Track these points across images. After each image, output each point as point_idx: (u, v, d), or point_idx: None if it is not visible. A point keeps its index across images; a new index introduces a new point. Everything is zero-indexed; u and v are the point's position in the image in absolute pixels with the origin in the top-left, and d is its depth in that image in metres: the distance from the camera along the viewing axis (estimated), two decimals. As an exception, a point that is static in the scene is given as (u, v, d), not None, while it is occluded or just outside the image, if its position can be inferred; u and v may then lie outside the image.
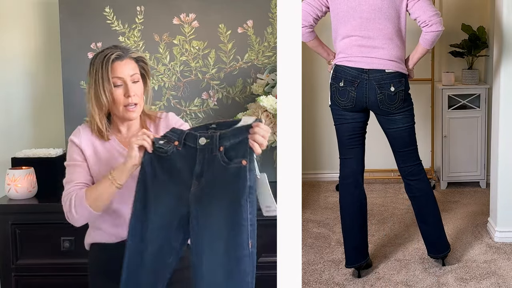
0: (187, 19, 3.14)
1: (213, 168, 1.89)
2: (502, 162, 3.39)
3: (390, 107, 2.87)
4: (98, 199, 2.04)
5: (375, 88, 2.84)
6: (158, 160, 1.96)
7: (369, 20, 2.80)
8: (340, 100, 2.91)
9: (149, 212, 1.96)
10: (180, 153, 1.95)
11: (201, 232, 1.88)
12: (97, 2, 3.11)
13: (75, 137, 2.17)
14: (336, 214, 3.94)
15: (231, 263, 1.83)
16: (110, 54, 2.10)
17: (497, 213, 3.44)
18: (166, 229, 1.94)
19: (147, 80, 2.21)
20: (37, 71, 3.34)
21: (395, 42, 2.83)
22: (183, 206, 1.93)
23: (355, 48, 2.85)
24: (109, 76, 2.09)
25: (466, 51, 4.31)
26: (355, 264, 3.02)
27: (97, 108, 2.12)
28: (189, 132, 1.95)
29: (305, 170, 4.55)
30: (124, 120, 2.17)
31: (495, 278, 3.00)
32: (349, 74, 2.86)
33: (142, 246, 1.95)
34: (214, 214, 1.87)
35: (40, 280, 2.85)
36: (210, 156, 1.90)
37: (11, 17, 3.30)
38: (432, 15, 2.76)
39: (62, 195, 2.12)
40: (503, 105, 3.34)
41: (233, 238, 1.82)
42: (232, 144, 1.88)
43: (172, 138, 1.97)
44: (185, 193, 1.93)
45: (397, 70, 2.85)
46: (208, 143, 1.91)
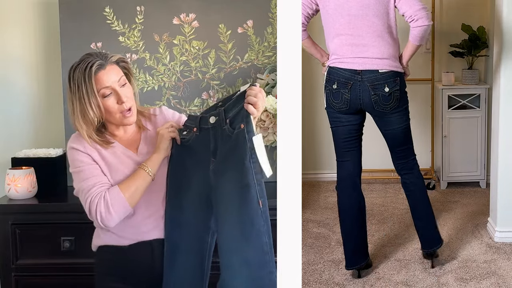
0: (187, 19, 3.14)
1: (224, 141, 1.97)
2: (502, 162, 3.39)
3: (385, 108, 2.84)
4: (135, 192, 2.02)
5: (369, 89, 2.81)
6: (183, 148, 2.08)
7: (357, 17, 2.77)
8: (335, 103, 2.90)
9: (182, 198, 2.06)
10: (198, 137, 2.05)
11: (219, 202, 1.96)
12: (97, 2, 3.11)
13: (77, 144, 2.09)
14: (336, 214, 3.94)
15: (246, 225, 1.86)
16: (90, 66, 2.00)
17: (497, 213, 3.44)
18: (200, 212, 2.03)
19: (131, 79, 2.14)
20: (37, 71, 3.34)
21: (385, 39, 2.80)
22: (207, 185, 2.00)
23: (346, 48, 2.82)
24: (94, 90, 1.99)
25: (466, 51, 4.31)
26: (355, 266, 3.02)
27: (84, 125, 2.04)
28: (202, 116, 2.05)
29: (305, 170, 4.56)
30: (123, 125, 2.14)
31: (495, 278, 3.00)
32: (342, 76, 2.83)
33: (180, 232, 2.05)
34: (228, 181, 1.93)
35: (40, 280, 2.85)
36: (220, 131, 1.98)
37: (11, 17, 3.30)
38: (418, 9, 2.71)
39: (86, 200, 2.02)
40: (503, 105, 3.34)
41: (244, 200, 1.87)
42: (234, 114, 1.95)
43: (191, 126, 2.07)
44: (207, 172, 2.00)
45: (391, 70, 2.82)
46: (217, 120, 2.00)
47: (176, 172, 2.09)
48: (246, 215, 1.86)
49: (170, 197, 2.10)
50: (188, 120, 2.11)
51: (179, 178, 2.08)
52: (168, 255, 2.08)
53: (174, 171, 2.10)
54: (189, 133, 2.08)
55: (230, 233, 1.90)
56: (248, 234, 1.85)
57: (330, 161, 4.67)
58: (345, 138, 2.97)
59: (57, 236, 2.82)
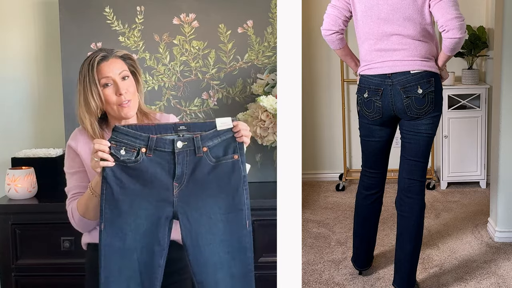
0: (187, 19, 3.14)
1: (199, 167, 1.99)
2: (502, 162, 3.39)
3: (419, 112, 2.60)
4: (87, 210, 2.08)
5: (400, 92, 2.58)
6: (122, 170, 1.97)
7: (387, 21, 2.55)
8: (368, 112, 2.69)
9: (125, 223, 1.97)
10: (152, 159, 1.98)
11: (194, 225, 2.00)
12: (97, 2, 3.11)
13: (72, 141, 2.18)
14: (336, 214, 3.94)
15: (233, 243, 2.01)
16: (94, 57, 2.11)
17: (497, 213, 3.44)
18: (151, 233, 1.99)
19: (138, 77, 2.20)
20: (37, 71, 3.34)
21: (418, 42, 2.57)
22: (165, 208, 1.98)
23: (374, 53, 2.61)
24: (95, 79, 2.09)
25: (466, 51, 4.31)
26: (365, 268, 3.04)
27: (87, 114, 2.12)
28: (159, 138, 1.97)
29: (305, 170, 4.56)
30: (121, 119, 2.16)
31: (495, 278, 3.00)
32: (372, 83, 2.63)
33: (125, 258, 1.98)
34: (208, 206, 2.00)
35: (40, 280, 2.85)
36: (193, 158, 1.99)
37: (11, 17, 3.30)
38: (450, 18, 2.45)
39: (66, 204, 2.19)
40: (503, 105, 3.34)
41: (233, 221, 2.00)
42: (216, 144, 2.00)
43: (136, 146, 1.97)
44: (164, 196, 1.98)
45: (424, 70, 2.58)
46: (186, 146, 1.98)
47: (115, 197, 1.97)
48: (235, 235, 2.01)
49: (107, 223, 1.97)
50: (127, 136, 1.97)
51: (120, 202, 1.97)
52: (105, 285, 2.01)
53: (111, 195, 1.97)
54: (132, 154, 1.97)
55: (213, 252, 2.00)
56: (234, 252, 2.01)
57: (330, 161, 4.67)
58: (375, 154, 2.82)
59: (57, 236, 2.82)
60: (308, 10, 4.30)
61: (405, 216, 2.75)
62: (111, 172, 1.96)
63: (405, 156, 2.73)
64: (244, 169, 2.02)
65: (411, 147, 2.70)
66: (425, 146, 2.68)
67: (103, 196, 1.96)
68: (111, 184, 1.96)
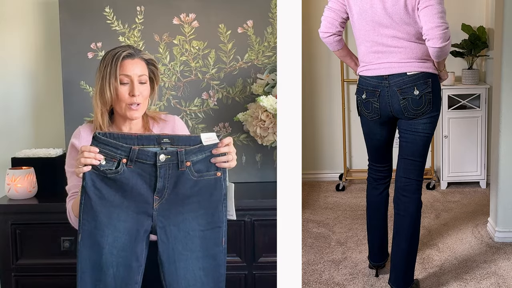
0: (187, 19, 3.14)
1: (181, 182, 1.98)
2: (502, 162, 3.39)
3: (416, 113, 2.62)
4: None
5: (397, 94, 2.60)
6: (102, 181, 1.96)
7: (382, 24, 2.55)
8: (366, 113, 2.73)
9: (102, 236, 1.95)
10: (133, 171, 1.96)
11: (172, 241, 1.99)
12: (97, 2, 3.11)
13: (75, 139, 2.19)
14: (336, 214, 3.94)
15: (208, 260, 2.01)
16: (121, 52, 2.13)
17: (497, 213, 3.44)
18: (129, 247, 1.97)
19: (154, 84, 2.23)
20: (37, 71, 3.34)
21: (413, 44, 2.57)
22: (144, 221, 1.97)
23: (371, 55, 2.62)
24: (116, 73, 2.11)
25: (466, 51, 4.31)
26: (380, 262, 3.02)
27: (100, 103, 2.14)
28: (141, 150, 1.95)
29: (305, 170, 4.56)
30: (126, 118, 2.18)
31: (495, 278, 3.00)
32: (370, 84, 2.65)
33: (101, 273, 1.96)
34: (188, 221, 1.99)
35: (40, 280, 2.85)
36: (175, 172, 1.97)
37: (11, 17, 3.30)
38: (432, 27, 2.44)
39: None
40: (503, 105, 3.34)
41: (210, 238, 2.01)
42: (200, 159, 1.98)
43: (115, 156, 1.96)
44: (144, 208, 1.97)
45: (420, 71, 2.58)
46: (169, 159, 1.96)
47: (94, 207, 1.95)
48: (211, 252, 2.01)
49: (84, 235, 1.95)
50: (109, 147, 1.95)
51: (98, 213, 1.95)
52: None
53: (90, 206, 1.95)
54: (112, 164, 1.95)
55: (188, 269, 2.00)
56: (209, 269, 2.02)
57: (330, 161, 4.67)
58: (378, 150, 2.87)
59: (57, 236, 2.82)
60: (308, 10, 4.30)
61: (401, 215, 2.77)
62: (91, 181, 1.94)
63: (403, 155, 2.75)
64: (226, 187, 2.01)
65: (408, 146, 2.71)
66: (422, 146, 2.70)
67: (81, 207, 1.94)
68: (90, 195, 1.94)
